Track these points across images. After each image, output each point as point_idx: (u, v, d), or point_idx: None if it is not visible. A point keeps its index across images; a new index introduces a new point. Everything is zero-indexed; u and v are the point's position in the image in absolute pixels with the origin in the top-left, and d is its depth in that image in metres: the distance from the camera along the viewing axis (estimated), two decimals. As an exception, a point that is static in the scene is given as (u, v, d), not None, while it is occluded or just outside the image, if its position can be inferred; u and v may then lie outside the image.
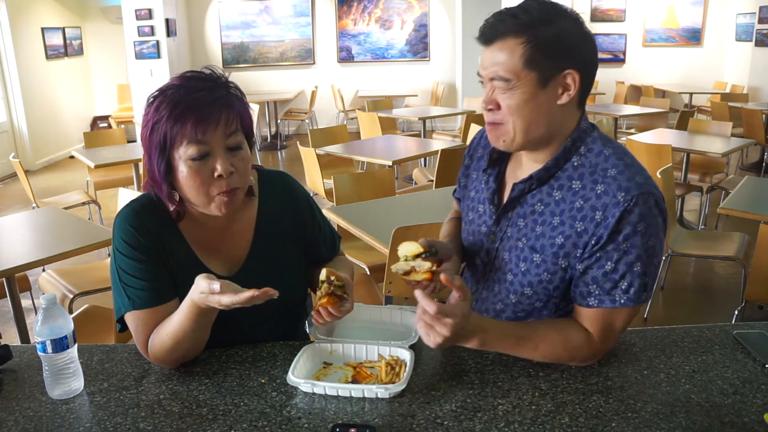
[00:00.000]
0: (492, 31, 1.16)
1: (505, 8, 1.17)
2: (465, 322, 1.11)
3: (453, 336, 1.09)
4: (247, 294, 1.10)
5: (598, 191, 1.16)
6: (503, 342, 1.19)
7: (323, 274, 1.23)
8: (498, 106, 1.18)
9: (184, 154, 1.17)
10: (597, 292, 1.17)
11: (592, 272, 1.17)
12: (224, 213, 1.23)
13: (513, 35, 1.13)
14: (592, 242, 1.15)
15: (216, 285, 1.10)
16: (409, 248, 1.22)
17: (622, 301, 1.15)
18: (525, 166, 1.27)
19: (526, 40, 1.12)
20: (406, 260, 1.22)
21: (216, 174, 1.18)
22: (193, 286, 1.15)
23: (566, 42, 1.14)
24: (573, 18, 1.16)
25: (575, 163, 1.20)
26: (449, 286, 1.13)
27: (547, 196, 1.22)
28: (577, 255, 1.18)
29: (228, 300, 1.10)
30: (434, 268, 1.20)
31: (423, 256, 1.21)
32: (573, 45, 1.15)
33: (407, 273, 1.22)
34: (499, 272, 1.30)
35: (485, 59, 1.18)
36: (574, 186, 1.19)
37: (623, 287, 1.15)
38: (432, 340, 1.10)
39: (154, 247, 1.25)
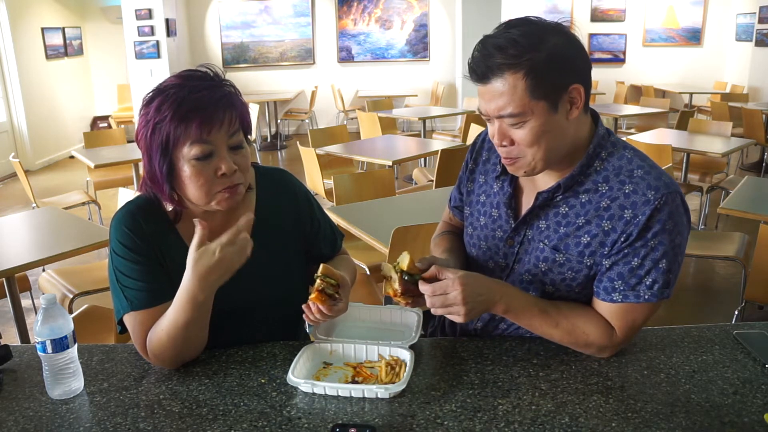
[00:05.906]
0: (483, 68, 1.11)
1: (488, 39, 1.12)
2: (474, 288, 1.15)
3: (469, 304, 1.14)
4: (241, 221, 1.16)
5: (626, 191, 1.17)
6: (527, 310, 1.21)
7: (320, 269, 1.23)
8: (512, 142, 1.16)
9: (187, 154, 1.17)
10: (622, 288, 1.18)
11: (618, 268, 1.18)
12: (225, 207, 1.23)
13: (509, 70, 1.09)
14: (621, 239, 1.16)
15: (200, 235, 1.15)
16: (404, 260, 1.20)
17: (646, 296, 1.17)
18: (545, 173, 1.25)
19: (525, 73, 1.08)
20: (394, 267, 1.22)
21: (220, 173, 1.19)
22: (185, 272, 1.15)
23: (561, 59, 1.11)
24: (555, 29, 1.12)
25: (597, 168, 1.20)
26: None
27: (572, 199, 1.22)
28: (604, 252, 1.19)
29: (226, 237, 1.14)
30: (400, 292, 1.19)
31: (406, 277, 1.19)
32: (568, 58, 1.12)
33: (386, 278, 1.23)
34: (515, 274, 1.30)
35: (485, 97, 1.14)
36: (600, 188, 1.19)
37: (648, 283, 1.16)
38: (456, 317, 1.16)
39: (151, 249, 1.25)
